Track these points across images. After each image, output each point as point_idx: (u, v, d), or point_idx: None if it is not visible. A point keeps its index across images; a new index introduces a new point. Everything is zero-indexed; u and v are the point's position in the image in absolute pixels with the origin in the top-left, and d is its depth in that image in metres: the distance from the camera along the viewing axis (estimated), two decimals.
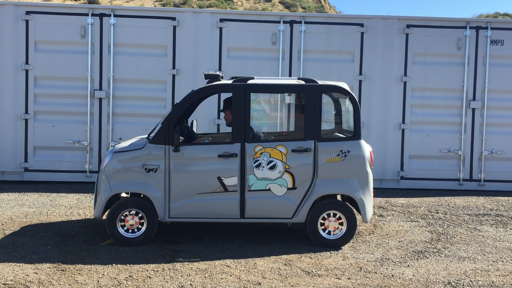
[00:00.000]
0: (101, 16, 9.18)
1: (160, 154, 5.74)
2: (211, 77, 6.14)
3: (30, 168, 9.21)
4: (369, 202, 5.93)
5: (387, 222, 7.06)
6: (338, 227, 5.87)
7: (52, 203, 7.72)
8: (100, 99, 9.21)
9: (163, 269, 5.05)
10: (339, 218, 5.87)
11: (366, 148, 5.96)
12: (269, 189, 5.80)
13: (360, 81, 9.37)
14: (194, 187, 5.77)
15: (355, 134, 5.92)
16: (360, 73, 9.36)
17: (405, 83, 9.37)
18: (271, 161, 5.79)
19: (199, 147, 5.97)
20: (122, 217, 5.77)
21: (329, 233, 5.87)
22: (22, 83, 9.11)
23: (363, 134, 8.91)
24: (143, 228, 5.78)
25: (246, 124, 5.84)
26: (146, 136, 6.35)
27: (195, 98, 6.02)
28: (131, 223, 5.77)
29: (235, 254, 5.57)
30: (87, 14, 9.15)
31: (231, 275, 4.94)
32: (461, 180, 9.46)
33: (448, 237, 6.42)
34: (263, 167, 5.78)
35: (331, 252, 5.71)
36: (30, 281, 4.67)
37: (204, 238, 6.12)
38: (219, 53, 9.30)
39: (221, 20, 9.28)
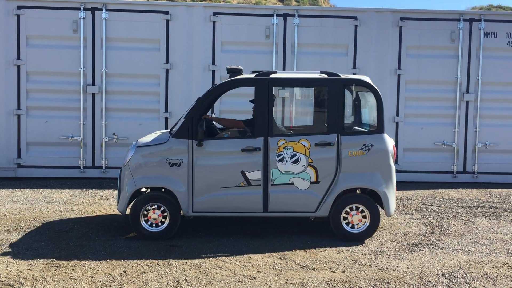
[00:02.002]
0: (93, 10, 9.10)
1: (183, 149, 5.74)
2: (233, 71, 6.12)
3: (23, 164, 9.16)
4: (392, 196, 5.93)
5: (381, 215, 7.07)
6: (361, 221, 5.87)
7: (45, 199, 7.69)
8: (93, 94, 9.16)
9: (157, 264, 5.04)
10: (362, 212, 5.88)
11: (389, 142, 5.96)
12: (293, 183, 5.81)
13: (354, 74, 9.35)
14: (217, 181, 5.78)
15: (379, 128, 5.91)
16: (354, 66, 9.35)
17: (399, 76, 9.37)
18: (295, 155, 5.80)
19: (222, 141, 5.97)
20: (145, 212, 5.79)
21: (352, 226, 5.88)
22: (14, 78, 9.03)
23: None
24: (166, 222, 5.80)
25: (269, 118, 5.83)
26: (168, 130, 6.35)
27: (218, 93, 5.99)
28: (154, 217, 5.80)
29: (230, 248, 5.57)
30: (79, 9, 9.08)
31: (226, 270, 4.93)
32: (455, 173, 9.49)
33: (442, 229, 6.45)
34: (287, 161, 5.79)
35: (325, 245, 5.72)
36: (23, 278, 4.65)
37: (198, 233, 6.11)
38: (212, 47, 9.26)
39: (214, 14, 9.24)
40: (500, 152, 9.51)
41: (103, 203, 7.54)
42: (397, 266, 5.13)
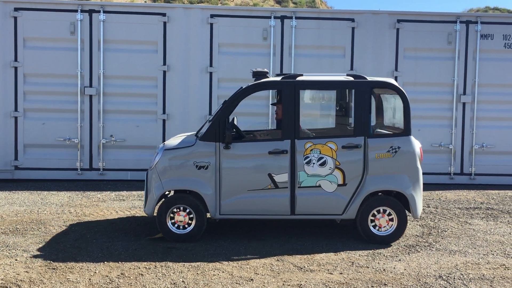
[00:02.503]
0: (91, 12, 9.11)
1: (210, 151, 5.76)
2: (259, 74, 6.12)
3: (20, 166, 9.14)
4: (419, 198, 5.93)
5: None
6: (388, 223, 5.88)
7: (43, 201, 7.68)
8: (91, 96, 9.15)
9: (155, 266, 5.04)
10: (389, 214, 5.88)
11: (416, 144, 5.97)
12: (320, 186, 5.82)
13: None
14: (244, 184, 5.79)
15: (405, 130, 5.92)
16: (351, 68, 9.37)
17: (396, 78, 9.39)
18: (322, 158, 5.81)
19: (249, 144, 5.99)
20: (172, 214, 5.81)
21: (379, 229, 5.88)
22: (11, 80, 9.03)
23: None
24: (192, 225, 5.82)
25: (296, 121, 5.84)
26: (195, 133, 6.37)
27: (244, 95, 5.98)
28: (180, 219, 5.82)
29: (227, 250, 5.57)
30: (76, 11, 9.08)
31: (223, 272, 4.93)
32: (452, 174, 9.52)
33: (439, 230, 6.46)
34: (314, 163, 5.80)
35: (323, 247, 5.73)
36: (21, 280, 4.64)
37: None
38: (210, 49, 9.27)
39: (212, 16, 9.25)
40: (497, 154, 9.54)
41: (101, 205, 7.53)
42: (394, 268, 5.14)
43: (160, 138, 9.29)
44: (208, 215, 5.90)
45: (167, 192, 6.05)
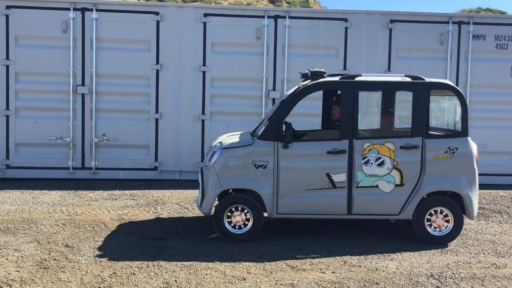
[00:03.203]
0: (83, 10, 9.06)
1: (269, 151, 5.76)
2: (316, 74, 6.11)
3: (12, 165, 9.08)
4: (476, 199, 5.95)
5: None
6: (444, 224, 5.90)
7: (34, 201, 7.63)
8: (83, 95, 9.11)
9: (147, 265, 5.03)
10: (446, 215, 5.90)
11: (473, 145, 5.99)
12: (377, 186, 5.84)
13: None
14: (302, 184, 5.79)
15: (463, 131, 5.94)
16: (345, 68, 9.39)
17: None
18: (380, 158, 5.83)
19: (308, 143, 5.99)
20: (229, 213, 5.81)
21: (435, 229, 5.90)
22: (2, 79, 8.96)
23: None
24: (249, 224, 5.83)
25: (354, 121, 5.85)
26: (250, 132, 6.37)
27: (302, 95, 5.96)
28: (238, 219, 5.83)
29: (220, 250, 5.56)
30: (68, 9, 9.03)
31: (216, 271, 4.93)
32: None
33: None
34: (372, 163, 5.82)
35: (316, 246, 5.74)
36: (12, 280, 4.61)
37: (189, 234, 6.10)
38: (203, 48, 9.26)
39: (205, 15, 9.24)
40: (489, 154, 9.58)
41: (93, 204, 7.50)
42: (386, 267, 5.16)
43: (153, 137, 9.27)
44: (265, 214, 5.90)
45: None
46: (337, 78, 6.08)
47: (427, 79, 6.07)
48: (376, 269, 5.10)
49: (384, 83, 6.27)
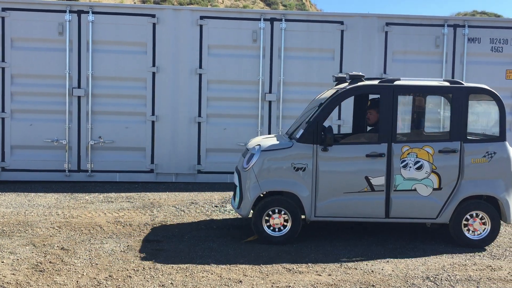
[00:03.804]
0: (79, 13, 9.06)
1: (308, 153, 5.78)
2: (355, 78, 6.11)
3: (7, 167, 9.06)
4: None
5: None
6: (481, 228, 5.93)
7: (30, 203, 7.61)
8: (79, 97, 9.10)
9: (143, 268, 5.02)
10: (482, 219, 5.93)
11: (510, 150, 6.02)
12: (415, 189, 5.86)
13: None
14: (341, 186, 5.81)
15: (501, 136, 5.97)
16: (341, 71, 9.42)
17: None
18: (418, 162, 5.85)
19: (347, 146, 5.99)
20: (267, 216, 5.82)
21: (472, 233, 5.93)
22: None
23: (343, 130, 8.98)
24: (288, 227, 5.84)
25: (393, 124, 5.88)
26: (284, 134, 6.33)
27: (343, 99, 5.99)
28: (276, 221, 5.84)
29: (216, 252, 5.56)
30: (64, 11, 9.02)
31: (212, 274, 4.93)
32: None
33: (426, 232, 6.51)
34: (410, 167, 5.84)
35: (312, 248, 5.74)
36: (7, 282, 4.59)
37: (185, 237, 6.09)
38: (199, 50, 9.27)
39: (201, 18, 9.25)
40: None
41: (89, 207, 7.48)
42: (382, 269, 5.17)
43: (149, 140, 9.27)
44: (303, 216, 5.91)
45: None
46: (375, 82, 6.11)
47: (465, 84, 6.13)
48: (372, 271, 5.11)
49: (423, 88, 6.27)
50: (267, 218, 5.84)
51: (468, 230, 5.94)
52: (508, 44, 9.63)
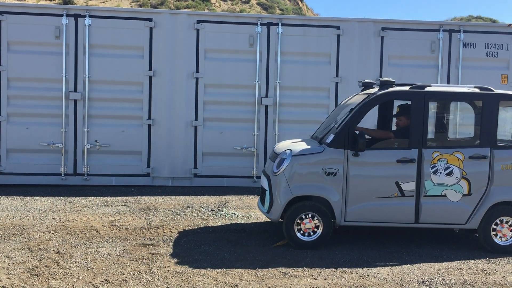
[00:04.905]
0: (76, 16, 9.07)
1: (339, 158, 5.80)
2: (385, 84, 6.13)
3: (3, 171, 9.04)
4: None
5: None
6: (509, 234, 5.97)
7: (25, 207, 7.59)
8: (75, 101, 9.10)
9: (139, 272, 5.02)
10: (511, 225, 5.97)
11: None
12: (445, 195, 5.89)
13: (337, 83, 9.47)
14: (371, 191, 5.83)
15: None
16: (337, 75, 9.46)
17: None
18: (448, 167, 5.89)
19: (377, 152, 5.99)
20: (298, 221, 5.83)
21: (500, 239, 5.97)
22: None
23: None
24: (319, 232, 5.86)
25: (424, 130, 5.92)
26: (313, 139, 6.39)
27: (374, 104, 6.01)
28: (308, 226, 5.86)
29: (212, 256, 5.56)
30: (61, 15, 9.03)
31: (208, 277, 4.93)
32: None
33: (421, 237, 6.53)
34: (440, 173, 5.88)
35: (308, 252, 5.75)
36: (3, 286, 4.58)
37: (181, 241, 6.09)
38: (196, 54, 9.29)
39: (198, 22, 9.27)
40: None
41: (85, 210, 7.48)
42: (377, 273, 5.19)
43: (145, 144, 9.27)
44: (333, 221, 5.91)
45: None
46: (406, 88, 6.15)
47: (495, 90, 6.18)
48: (368, 275, 5.13)
49: (454, 94, 6.31)
50: (298, 221, 5.86)
51: (496, 235, 5.98)
52: (503, 49, 9.69)
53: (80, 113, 9.11)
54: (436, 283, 4.96)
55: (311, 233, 5.88)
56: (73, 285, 4.66)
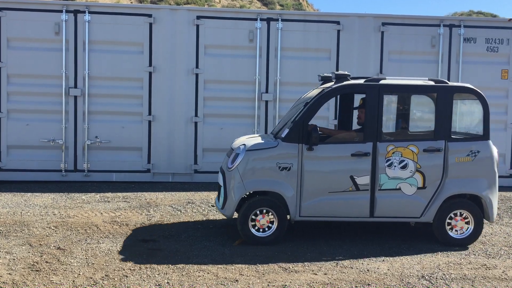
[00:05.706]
0: (76, 12, 9.05)
1: (293, 153, 5.75)
2: (340, 77, 6.09)
3: (3, 167, 9.04)
4: (495, 202, 6.02)
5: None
6: (464, 227, 5.95)
7: (26, 203, 7.60)
8: (75, 97, 9.09)
9: (140, 267, 5.03)
10: (465, 218, 5.95)
11: (494, 149, 6.04)
12: (399, 188, 5.87)
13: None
14: (326, 186, 5.79)
15: (485, 135, 5.99)
16: (337, 70, 9.40)
17: None
18: (403, 161, 5.86)
19: (332, 146, 5.94)
20: (253, 216, 5.78)
21: (456, 232, 5.95)
22: None
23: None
24: (274, 227, 5.82)
25: (379, 123, 5.87)
26: (270, 134, 6.33)
27: (328, 98, 5.97)
28: (262, 222, 5.81)
29: (212, 251, 5.57)
30: (61, 11, 9.01)
31: (208, 273, 4.94)
32: None
33: (421, 231, 6.53)
34: (395, 166, 5.84)
35: (308, 248, 5.76)
36: (3, 282, 4.59)
37: (181, 236, 6.10)
38: (196, 50, 9.27)
39: (198, 17, 9.25)
40: None
41: (85, 206, 7.49)
42: (378, 268, 5.20)
43: (145, 140, 9.27)
44: (288, 217, 5.89)
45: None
46: (361, 81, 6.10)
47: (450, 83, 6.14)
48: (368, 270, 5.13)
49: (409, 87, 6.27)
50: (253, 217, 5.80)
51: (451, 229, 5.96)
52: (504, 44, 9.67)
53: (80, 109, 9.10)
54: (436, 278, 4.96)
55: (266, 229, 5.83)
56: (73, 281, 4.67)
